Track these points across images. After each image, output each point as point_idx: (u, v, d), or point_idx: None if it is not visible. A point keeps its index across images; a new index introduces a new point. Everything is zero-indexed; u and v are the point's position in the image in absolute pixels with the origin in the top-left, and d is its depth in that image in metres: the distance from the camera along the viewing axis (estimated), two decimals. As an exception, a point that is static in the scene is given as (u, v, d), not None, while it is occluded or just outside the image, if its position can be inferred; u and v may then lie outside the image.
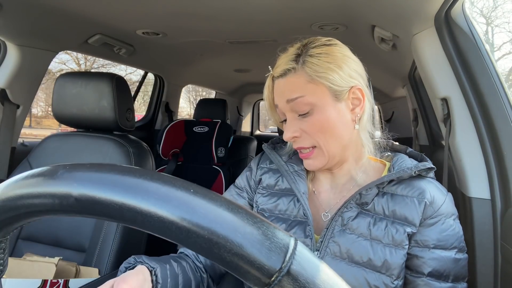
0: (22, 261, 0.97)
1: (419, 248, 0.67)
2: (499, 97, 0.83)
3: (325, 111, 0.67)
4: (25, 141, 1.71)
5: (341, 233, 0.68)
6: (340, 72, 0.67)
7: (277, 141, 0.87)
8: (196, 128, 2.40)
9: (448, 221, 0.67)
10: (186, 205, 0.24)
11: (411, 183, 0.69)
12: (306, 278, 0.23)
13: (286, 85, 0.70)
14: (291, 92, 0.68)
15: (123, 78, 1.38)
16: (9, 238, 0.30)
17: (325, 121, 0.67)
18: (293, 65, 0.69)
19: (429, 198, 0.67)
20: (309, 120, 0.68)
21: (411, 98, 1.97)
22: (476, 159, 0.86)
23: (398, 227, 0.66)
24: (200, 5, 1.23)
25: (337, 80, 0.67)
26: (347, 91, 0.68)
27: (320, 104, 0.67)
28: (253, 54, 2.05)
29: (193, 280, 0.73)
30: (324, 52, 0.68)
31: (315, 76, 0.67)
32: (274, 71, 0.72)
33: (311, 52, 0.68)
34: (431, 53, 0.95)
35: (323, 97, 0.67)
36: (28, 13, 1.26)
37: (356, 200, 0.69)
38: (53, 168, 0.27)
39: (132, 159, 1.26)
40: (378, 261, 0.65)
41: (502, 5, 11.43)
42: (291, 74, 0.69)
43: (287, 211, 0.75)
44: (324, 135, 0.68)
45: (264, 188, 0.81)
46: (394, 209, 0.68)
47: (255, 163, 0.86)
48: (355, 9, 1.19)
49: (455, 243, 0.67)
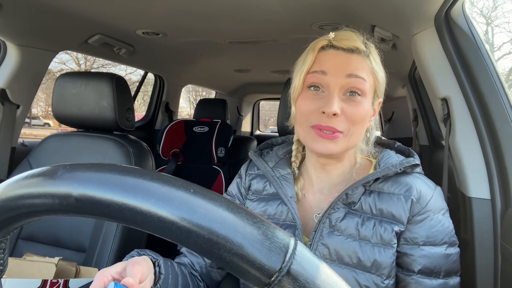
0: (22, 261, 0.97)
1: (409, 246, 0.66)
2: (499, 97, 0.83)
3: (368, 104, 0.68)
4: (25, 141, 1.71)
5: (329, 235, 0.68)
6: (384, 82, 0.71)
7: (265, 146, 0.87)
8: (196, 128, 2.40)
9: (437, 216, 0.67)
10: (186, 205, 0.24)
11: (398, 180, 0.69)
12: (306, 278, 0.23)
13: (351, 61, 0.66)
14: (357, 69, 0.65)
15: (123, 78, 1.38)
16: (9, 238, 0.30)
17: (365, 113, 0.67)
18: (363, 47, 0.67)
19: (415, 194, 0.66)
20: (354, 105, 0.66)
21: (411, 98, 1.97)
22: (476, 159, 0.86)
23: (386, 226, 0.66)
24: (200, 5, 1.23)
25: (382, 86, 0.70)
26: (378, 100, 0.72)
27: (368, 96, 0.67)
28: (253, 54, 2.05)
29: (191, 285, 0.73)
30: (379, 56, 0.72)
31: (375, 69, 0.68)
32: (337, 41, 0.67)
33: (373, 49, 0.70)
34: (431, 53, 0.95)
35: (371, 92, 0.69)
36: (28, 13, 1.26)
37: (343, 200, 0.69)
38: (53, 168, 0.27)
39: (132, 159, 1.26)
40: (368, 261, 0.65)
41: (502, 5, 11.44)
42: (359, 55, 0.67)
43: (275, 215, 0.75)
44: (357, 125, 0.67)
45: (253, 194, 0.81)
46: (381, 208, 0.67)
47: (244, 169, 0.86)
48: (355, 9, 1.19)
49: (445, 238, 0.66)
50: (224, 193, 0.88)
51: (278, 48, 1.80)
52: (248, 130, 4.06)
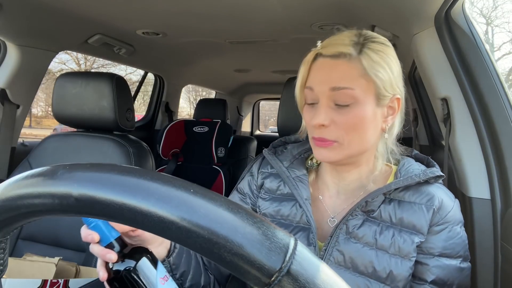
0: (22, 261, 0.97)
1: (424, 255, 0.65)
2: (499, 97, 0.83)
3: (364, 109, 0.63)
4: (25, 141, 1.71)
5: (345, 241, 0.66)
6: (391, 75, 0.64)
7: (279, 143, 0.84)
8: (196, 128, 2.40)
9: (455, 228, 0.65)
10: (186, 205, 0.24)
11: (419, 189, 0.67)
12: (306, 278, 0.23)
13: (335, 70, 0.63)
14: (340, 80, 0.62)
15: (123, 78, 1.38)
16: (9, 238, 0.30)
17: (360, 119, 0.63)
18: (350, 50, 0.63)
19: (437, 204, 0.65)
20: (345, 114, 0.63)
21: (411, 98, 1.97)
22: (476, 159, 0.86)
23: (405, 237, 0.64)
24: (200, 5, 1.23)
25: (387, 83, 0.64)
26: (389, 98, 0.66)
27: (363, 101, 0.63)
28: (253, 54, 2.05)
29: (203, 274, 0.72)
30: (382, 51, 0.64)
31: (370, 71, 0.62)
32: (323, 49, 0.65)
33: (371, 45, 0.64)
34: (431, 53, 0.95)
35: (368, 95, 0.63)
36: (28, 13, 1.26)
37: (362, 208, 0.67)
38: (53, 168, 0.27)
39: (132, 159, 1.26)
40: (383, 272, 0.63)
41: (502, 5, 11.43)
42: (345, 59, 0.63)
43: (289, 216, 0.73)
44: (353, 133, 0.64)
45: (266, 192, 0.78)
46: (402, 217, 0.65)
47: (256, 167, 0.83)
48: (355, 9, 1.19)
49: (460, 251, 0.65)
50: (234, 191, 0.86)
51: (278, 48, 1.80)
52: (248, 130, 4.06)
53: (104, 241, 0.52)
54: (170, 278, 0.53)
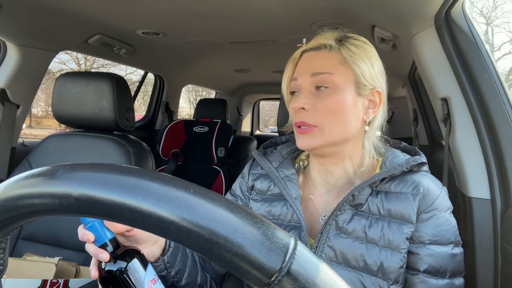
0: (22, 261, 0.97)
1: (415, 245, 0.65)
2: (499, 97, 0.83)
3: (344, 95, 0.67)
4: (25, 141, 1.71)
5: (336, 237, 0.67)
6: (371, 68, 0.69)
7: (269, 144, 0.86)
8: (196, 128, 2.40)
9: (444, 215, 0.66)
10: (186, 205, 0.24)
11: (405, 178, 0.68)
12: (306, 278, 0.23)
13: (316, 59, 0.69)
14: (321, 66, 0.68)
15: (123, 78, 1.38)
16: (9, 238, 0.30)
17: (340, 103, 0.66)
18: (331, 42, 0.69)
19: (422, 191, 0.66)
20: (325, 98, 0.67)
21: (411, 98, 1.98)
22: (476, 159, 0.86)
23: (394, 228, 0.65)
24: (200, 5, 1.23)
25: (366, 73, 0.68)
26: (369, 90, 0.69)
27: (342, 87, 0.67)
28: (253, 54, 2.05)
29: (199, 272, 0.73)
30: (362, 46, 0.70)
31: (349, 60, 0.67)
32: (307, 44, 0.72)
33: (351, 41, 0.70)
34: (431, 53, 0.95)
35: (348, 82, 0.67)
36: (28, 13, 1.26)
37: (350, 202, 0.68)
38: (53, 168, 0.27)
39: (132, 159, 1.26)
40: (374, 265, 0.64)
41: (502, 5, 11.43)
42: (326, 50, 0.69)
43: (280, 215, 0.74)
44: (332, 117, 0.66)
45: (257, 194, 0.80)
46: (389, 208, 0.66)
47: (247, 169, 0.85)
48: (355, 9, 1.19)
49: (451, 238, 0.66)
50: (228, 193, 0.87)
51: (278, 48, 1.81)
52: (248, 130, 4.06)
53: (98, 241, 0.54)
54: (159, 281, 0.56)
